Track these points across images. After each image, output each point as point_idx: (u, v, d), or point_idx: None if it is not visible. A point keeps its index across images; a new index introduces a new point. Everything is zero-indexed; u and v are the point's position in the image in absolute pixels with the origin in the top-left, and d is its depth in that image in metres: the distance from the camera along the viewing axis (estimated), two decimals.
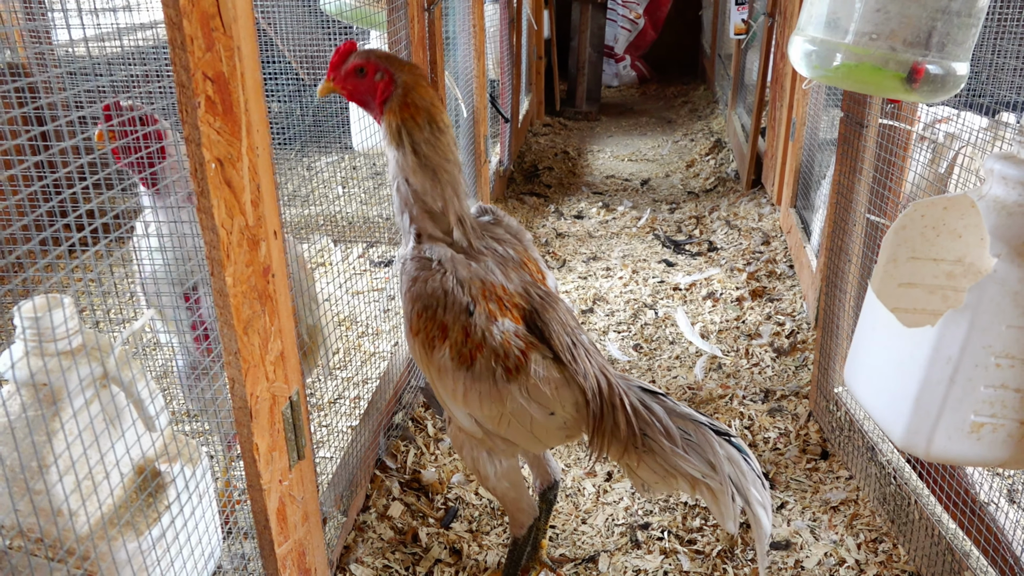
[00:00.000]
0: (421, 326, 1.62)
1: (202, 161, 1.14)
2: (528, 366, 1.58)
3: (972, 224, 1.49)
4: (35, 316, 1.22)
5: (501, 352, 1.58)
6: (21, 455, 1.19)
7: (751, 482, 1.57)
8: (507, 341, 1.59)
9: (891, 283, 1.57)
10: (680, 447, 1.58)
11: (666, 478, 1.61)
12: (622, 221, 4.47)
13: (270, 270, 1.33)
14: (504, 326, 1.60)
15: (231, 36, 1.16)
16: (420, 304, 1.60)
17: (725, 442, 1.59)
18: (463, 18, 3.53)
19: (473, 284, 1.60)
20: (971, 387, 1.32)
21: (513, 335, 1.59)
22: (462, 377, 1.61)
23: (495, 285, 1.62)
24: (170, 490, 1.38)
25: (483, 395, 1.61)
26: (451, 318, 1.59)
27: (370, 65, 1.54)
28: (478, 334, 1.58)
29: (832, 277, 2.36)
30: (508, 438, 1.68)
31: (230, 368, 1.26)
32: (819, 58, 1.54)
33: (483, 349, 1.58)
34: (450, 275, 1.60)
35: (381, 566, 1.95)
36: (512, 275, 1.66)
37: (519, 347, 1.59)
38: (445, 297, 1.59)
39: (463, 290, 1.59)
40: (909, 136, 2.01)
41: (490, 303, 1.60)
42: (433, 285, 1.60)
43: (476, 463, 1.74)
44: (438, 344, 1.61)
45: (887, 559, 2.00)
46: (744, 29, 5.28)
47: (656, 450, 1.58)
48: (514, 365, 1.58)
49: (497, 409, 1.62)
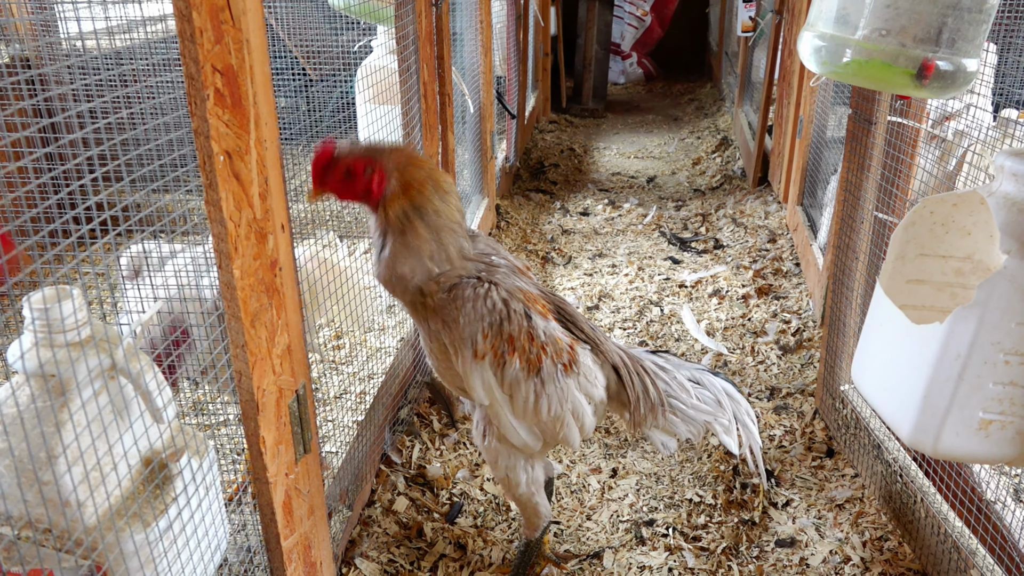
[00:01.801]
0: (488, 346, 1.57)
1: (210, 154, 1.14)
2: (578, 358, 1.68)
3: (982, 221, 1.48)
4: (44, 307, 1.22)
5: (559, 349, 1.64)
6: (30, 445, 1.19)
7: (743, 406, 1.86)
8: (559, 339, 1.65)
9: (899, 280, 1.56)
10: (693, 396, 1.80)
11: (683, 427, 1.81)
12: (628, 218, 4.46)
13: (277, 263, 1.33)
14: (551, 325, 1.65)
15: (240, 29, 1.16)
16: (484, 323, 1.56)
17: (721, 379, 1.86)
18: (470, 14, 3.53)
19: (513, 291, 1.60)
20: (980, 384, 1.32)
21: (561, 333, 1.66)
22: (532, 385, 1.62)
23: (526, 290, 1.64)
24: (177, 482, 1.38)
25: (550, 398, 1.64)
26: (516, 328, 1.58)
27: (357, 163, 1.48)
28: (541, 336, 1.61)
29: (839, 275, 2.35)
30: (563, 441, 1.73)
31: (237, 361, 1.27)
32: (829, 54, 1.54)
33: (546, 350, 1.62)
34: (501, 287, 1.59)
35: (386, 560, 1.95)
36: (526, 281, 1.69)
37: (568, 342, 1.67)
38: (506, 308, 1.57)
39: (514, 298, 1.59)
40: (918, 133, 2.01)
41: (536, 305, 1.64)
42: (492, 301, 1.56)
43: (510, 471, 1.76)
44: (509, 358, 1.59)
45: (892, 557, 1.99)
46: (751, 26, 5.27)
47: (678, 405, 1.79)
48: (570, 360, 1.67)
49: (561, 408, 1.66)
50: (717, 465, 2.35)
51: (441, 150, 2.76)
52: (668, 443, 1.83)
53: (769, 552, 2.04)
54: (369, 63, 3.96)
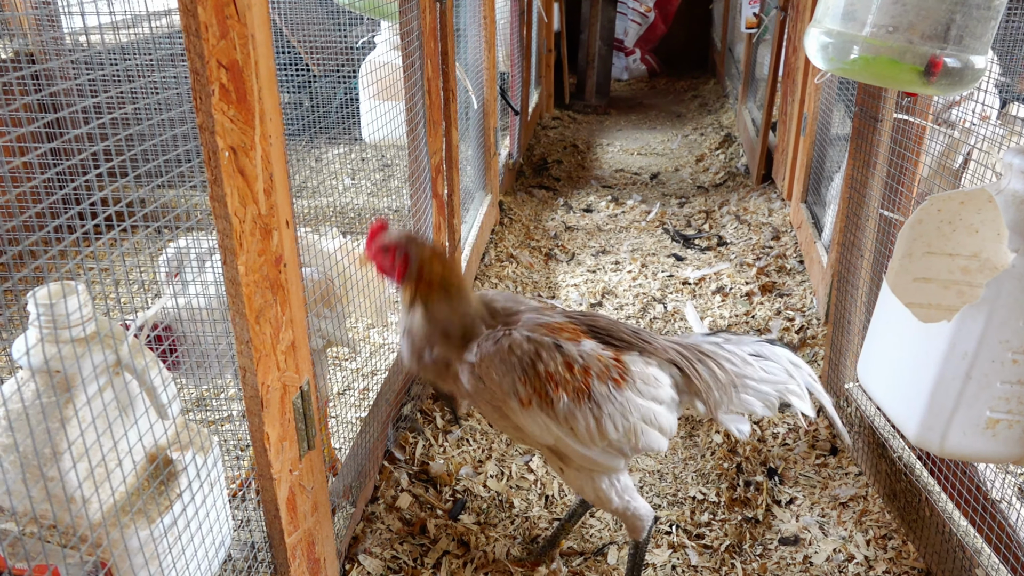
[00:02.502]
0: (530, 391, 1.59)
1: (215, 149, 1.14)
2: (629, 368, 1.64)
3: (989, 219, 1.47)
4: (49, 302, 1.22)
5: (603, 366, 1.62)
6: (35, 441, 1.19)
7: (804, 369, 1.80)
8: (600, 356, 1.62)
9: (906, 278, 1.56)
10: (759, 369, 1.76)
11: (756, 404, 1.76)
12: (631, 215, 4.45)
13: (282, 259, 1.33)
14: (588, 345, 1.63)
15: (245, 24, 1.16)
16: (518, 371, 1.58)
17: (778, 347, 1.81)
18: (474, 10, 3.52)
19: (539, 328, 1.62)
20: (987, 383, 1.31)
21: (600, 350, 1.64)
22: (588, 411, 1.61)
23: (550, 323, 1.65)
24: (182, 478, 1.38)
25: (612, 416, 1.62)
26: (550, 362, 1.58)
27: (391, 244, 1.63)
28: (579, 360, 1.60)
29: (844, 272, 2.34)
30: (645, 448, 1.69)
31: (242, 357, 1.26)
32: (836, 50, 1.53)
33: (590, 373, 1.60)
34: (516, 331, 1.61)
35: (389, 557, 1.95)
36: (547, 314, 1.70)
37: (610, 355, 1.64)
38: (532, 348, 1.59)
39: (538, 334, 1.61)
40: (924, 131, 2.00)
41: (564, 334, 1.63)
42: (514, 348, 1.59)
43: (599, 492, 1.73)
44: (554, 394, 1.59)
45: (896, 555, 1.99)
46: (755, 23, 5.25)
47: (749, 383, 1.75)
48: (619, 374, 1.63)
49: (628, 421, 1.63)
50: (720, 463, 2.34)
51: (445, 146, 2.75)
52: (743, 427, 1.76)
53: (773, 550, 2.04)
54: (373, 59, 3.95)
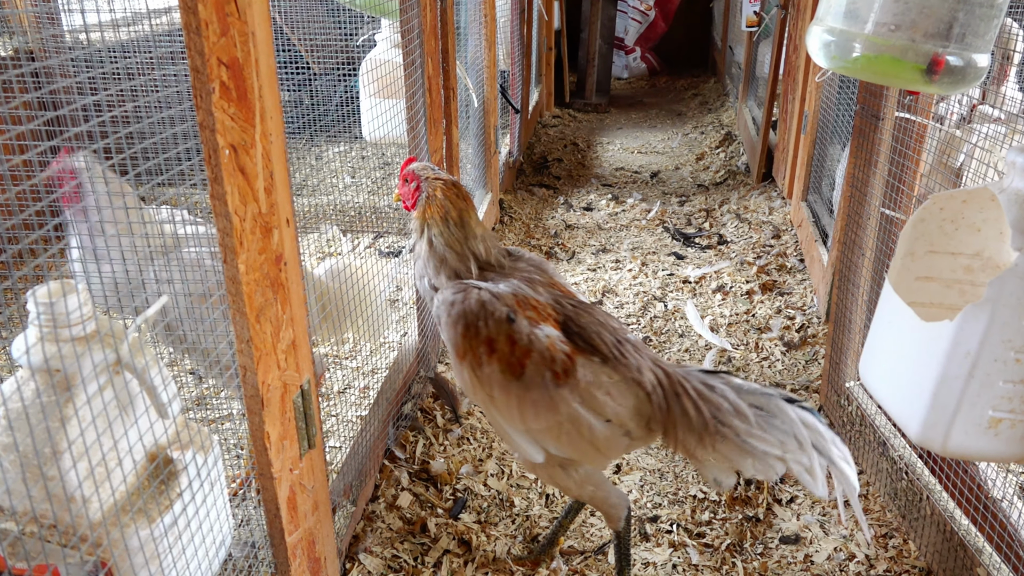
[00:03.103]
0: (467, 346, 1.61)
1: (216, 147, 1.13)
2: (576, 369, 1.58)
3: (992, 218, 1.47)
4: (49, 301, 1.21)
5: (548, 356, 1.57)
6: (35, 441, 1.19)
7: (830, 441, 1.55)
8: (552, 345, 1.58)
9: (908, 277, 1.55)
10: (755, 425, 1.54)
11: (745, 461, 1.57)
12: (632, 213, 4.45)
13: (282, 258, 1.32)
14: (546, 331, 1.60)
15: (245, 21, 1.15)
16: (462, 324, 1.60)
17: (798, 408, 1.56)
18: (475, 8, 3.51)
19: (506, 297, 1.63)
20: (989, 382, 1.31)
21: (557, 340, 1.59)
22: (514, 389, 1.59)
23: (528, 297, 1.65)
24: (182, 478, 1.37)
25: (537, 404, 1.59)
26: (494, 329, 1.59)
27: (410, 175, 1.81)
28: (524, 340, 1.58)
29: (845, 271, 2.34)
30: (571, 456, 1.66)
31: (242, 356, 1.26)
32: (838, 48, 1.53)
33: (531, 355, 1.58)
34: (485, 291, 1.63)
35: (390, 556, 1.95)
36: (541, 290, 1.69)
37: (564, 351, 1.59)
38: (484, 310, 1.60)
39: (500, 302, 1.61)
40: (925, 129, 1.99)
41: (528, 311, 1.62)
42: (470, 303, 1.62)
43: (555, 479, 1.73)
44: (486, 360, 1.60)
45: (897, 554, 1.99)
46: (756, 21, 5.24)
47: (730, 434, 1.55)
48: (562, 369, 1.57)
49: (552, 418, 1.60)
50: None
51: (445, 144, 2.75)
52: (723, 479, 1.62)
53: (773, 549, 2.04)
54: (373, 57, 3.94)
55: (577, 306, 1.68)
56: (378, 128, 3.52)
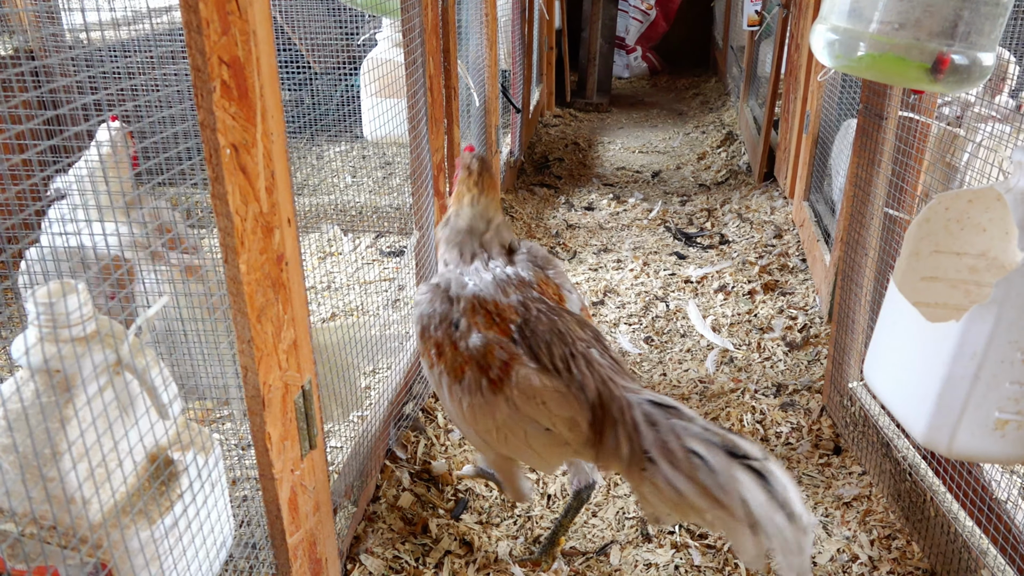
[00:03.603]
0: (423, 347, 1.73)
1: (217, 147, 1.12)
2: (510, 377, 1.57)
3: (997, 218, 1.46)
4: (49, 302, 1.21)
5: (484, 363, 1.61)
6: (35, 441, 1.18)
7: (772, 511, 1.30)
8: (490, 352, 1.60)
9: (913, 277, 1.54)
10: (684, 472, 1.37)
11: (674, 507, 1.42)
12: (633, 213, 4.44)
13: (284, 258, 1.32)
14: (488, 337, 1.62)
15: (247, 20, 1.15)
16: (420, 326, 1.74)
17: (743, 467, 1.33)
18: (476, 7, 3.50)
19: (464, 299, 1.70)
20: (996, 383, 1.30)
21: (498, 347, 1.60)
22: (457, 391, 1.65)
23: (487, 300, 1.68)
24: (183, 479, 1.37)
25: (475, 408, 1.63)
26: (442, 333, 1.68)
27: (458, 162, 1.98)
28: (463, 346, 1.64)
29: (848, 271, 2.33)
30: (510, 455, 1.71)
31: (243, 356, 1.25)
32: (842, 47, 1.52)
33: (470, 361, 1.63)
34: (441, 293, 1.74)
35: (391, 557, 1.94)
36: (512, 291, 1.71)
37: (502, 358, 1.59)
38: (435, 315, 1.71)
39: (452, 306, 1.70)
40: (929, 129, 1.98)
41: (477, 316, 1.66)
42: (428, 306, 1.74)
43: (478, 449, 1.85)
44: (436, 361, 1.69)
45: (901, 556, 1.98)
46: (757, 21, 5.23)
47: (658, 476, 1.41)
48: (497, 376, 1.59)
49: (491, 422, 1.62)
50: None
51: (447, 144, 2.74)
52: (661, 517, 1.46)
53: None
54: (374, 56, 3.94)
55: (544, 312, 1.65)
56: (379, 127, 3.52)
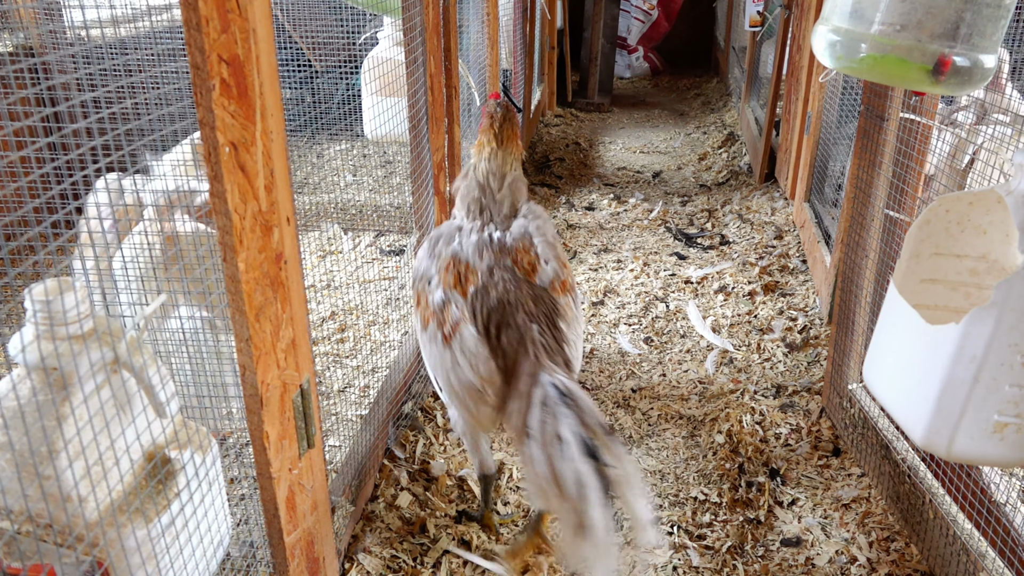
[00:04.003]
0: (414, 295, 1.91)
1: (216, 145, 1.12)
2: (458, 335, 1.74)
3: (998, 220, 1.46)
4: (46, 299, 1.20)
5: (441, 318, 1.77)
6: (31, 440, 1.18)
7: (603, 519, 1.40)
8: (447, 309, 1.77)
9: (913, 279, 1.54)
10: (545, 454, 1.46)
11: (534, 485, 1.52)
12: (633, 213, 4.44)
13: (282, 256, 1.31)
14: (448, 295, 1.78)
15: (246, 18, 1.14)
16: (412, 277, 1.93)
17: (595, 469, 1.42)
18: (477, 6, 3.50)
19: (443, 257, 1.83)
20: (995, 386, 1.30)
21: (454, 305, 1.77)
22: (424, 339, 1.84)
23: (461, 261, 1.81)
24: (180, 477, 1.36)
25: (433, 356, 1.81)
26: (421, 287, 1.85)
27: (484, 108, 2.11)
28: (430, 299, 1.81)
29: (848, 272, 2.33)
30: (457, 407, 1.82)
31: (241, 355, 1.25)
32: (844, 49, 1.51)
33: (433, 315, 1.79)
34: (430, 248, 1.87)
35: (389, 556, 1.94)
36: (486, 256, 1.82)
37: (456, 317, 1.75)
38: (419, 269, 1.88)
39: (432, 263, 1.84)
40: (930, 130, 1.98)
41: (448, 275, 1.80)
42: (418, 261, 1.91)
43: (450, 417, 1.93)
44: (416, 310, 1.89)
45: (899, 558, 1.98)
46: (759, 21, 5.23)
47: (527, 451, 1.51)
48: (448, 332, 1.75)
49: (441, 370, 1.78)
50: (722, 463, 2.33)
51: (447, 143, 2.74)
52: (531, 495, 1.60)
53: (774, 551, 2.03)
54: (375, 55, 3.93)
55: (505, 281, 1.77)
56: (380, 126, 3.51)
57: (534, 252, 1.85)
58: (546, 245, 1.87)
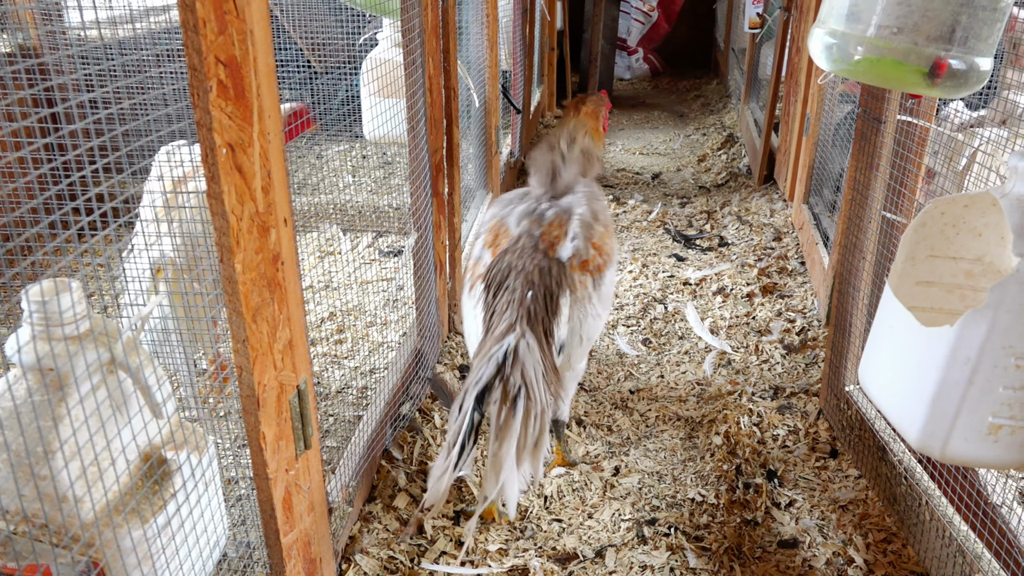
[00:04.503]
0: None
1: (213, 146, 1.12)
2: (471, 291, 1.97)
3: (993, 222, 1.46)
4: (42, 300, 1.21)
5: (473, 272, 1.99)
6: (27, 440, 1.18)
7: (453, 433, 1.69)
8: (477, 265, 1.98)
9: (909, 281, 1.54)
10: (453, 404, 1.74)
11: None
12: (632, 215, 4.44)
13: (279, 257, 1.32)
14: (482, 253, 2.00)
15: (244, 19, 1.15)
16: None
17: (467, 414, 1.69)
18: (477, 7, 3.50)
19: (496, 218, 2.04)
20: (990, 388, 1.30)
21: (481, 263, 1.97)
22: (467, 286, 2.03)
23: (502, 224, 2.00)
24: (176, 478, 1.37)
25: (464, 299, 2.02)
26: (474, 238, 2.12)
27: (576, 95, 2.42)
28: (473, 254, 2.05)
29: (845, 274, 2.33)
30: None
31: (238, 356, 1.25)
32: (840, 51, 1.52)
33: (474, 267, 2.01)
34: (496, 207, 2.08)
35: (386, 557, 1.94)
36: (523, 223, 1.98)
37: (478, 272, 1.96)
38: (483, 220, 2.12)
39: (490, 222, 2.05)
40: (927, 133, 1.98)
41: (490, 235, 2.01)
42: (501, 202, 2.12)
43: None
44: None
45: (896, 559, 1.98)
46: (759, 23, 5.23)
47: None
48: (471, 284, 1.98)
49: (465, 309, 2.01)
50: (720, 465, 2.33)
51: (446, 144, 2.74)
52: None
53: (772, 553, 2.03)
54: (374, 56, 3.94)
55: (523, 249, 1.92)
56: (379, 127, 3.51)
57: (565, 228, 1.97)
58: (582, 224, 1.99)
